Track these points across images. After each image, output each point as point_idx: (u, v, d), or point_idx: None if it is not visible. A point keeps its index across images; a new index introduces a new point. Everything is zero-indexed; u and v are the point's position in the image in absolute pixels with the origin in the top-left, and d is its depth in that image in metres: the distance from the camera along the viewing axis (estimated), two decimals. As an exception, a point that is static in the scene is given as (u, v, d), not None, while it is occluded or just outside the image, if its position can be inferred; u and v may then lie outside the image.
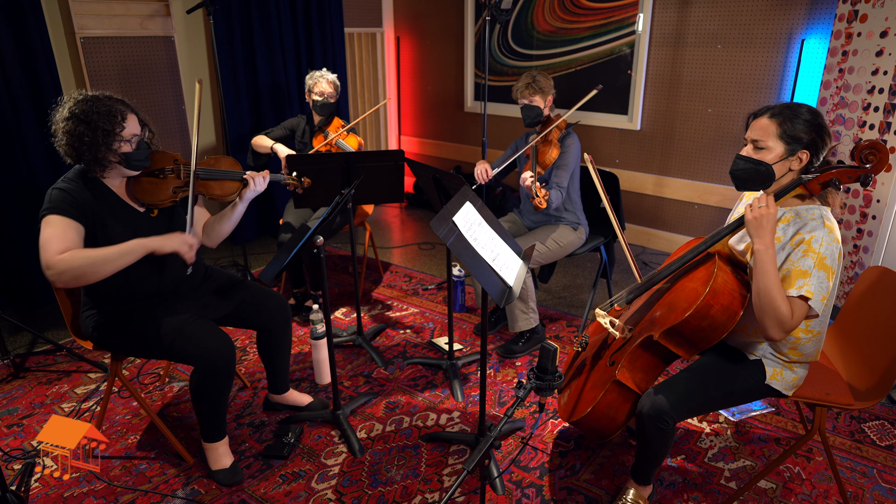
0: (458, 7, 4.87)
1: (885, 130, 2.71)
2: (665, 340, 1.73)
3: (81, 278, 1.74)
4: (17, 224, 3.14)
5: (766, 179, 1.65)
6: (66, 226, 1.77)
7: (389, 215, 5.14)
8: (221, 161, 2.16)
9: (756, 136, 1.64)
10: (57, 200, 1.79)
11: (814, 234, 1.57)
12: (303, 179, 2.37)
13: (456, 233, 1.58)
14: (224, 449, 2.09)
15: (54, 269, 1.70)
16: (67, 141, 1.81)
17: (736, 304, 1.65)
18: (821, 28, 3.29)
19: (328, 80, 3.20)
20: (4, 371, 2.71)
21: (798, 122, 1.60)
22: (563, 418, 2.00)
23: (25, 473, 2.10)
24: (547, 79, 2.80)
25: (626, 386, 1.79)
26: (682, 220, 4.13)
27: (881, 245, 2.79)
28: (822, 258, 1.55)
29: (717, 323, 1.66)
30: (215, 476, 2.05)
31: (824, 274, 1.55)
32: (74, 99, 1.84)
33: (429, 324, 3.18)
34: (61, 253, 1.72)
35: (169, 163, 2.02)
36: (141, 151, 1.90)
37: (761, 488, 2.02)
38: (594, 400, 1.82)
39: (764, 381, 1.74)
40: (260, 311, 2.21)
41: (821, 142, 1.61)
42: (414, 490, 2.03)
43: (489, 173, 2.79)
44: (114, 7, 3.50)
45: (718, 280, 1.65)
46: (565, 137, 2.79)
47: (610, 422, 1.85)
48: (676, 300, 1.73)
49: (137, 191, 1.96)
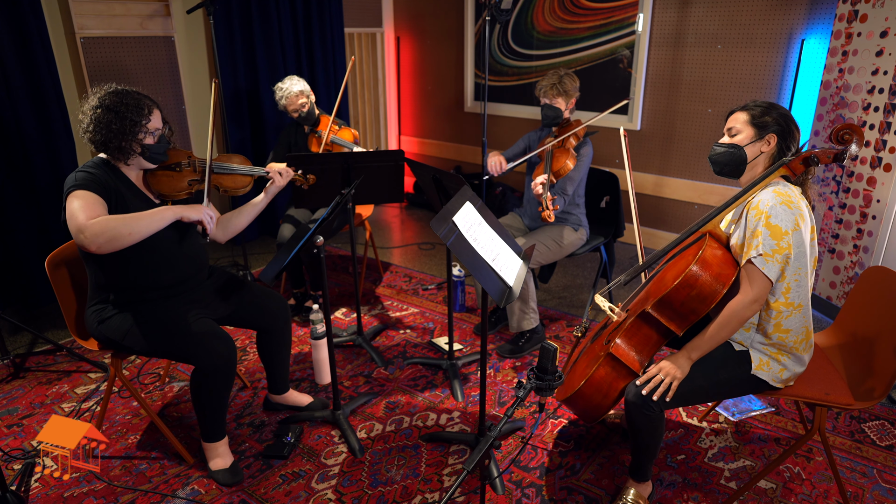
0: (458, 7, 4.88)
1: (885, 130, 2.71)
2: (657, 312, 1.77)
3: (116, 240, 1.76)
4: (17, 224, 3.14)
5: (739, 162, 1.78)
6: (93, 198, 1.83)
7: (389, 215, 5.14)
8: (233, 158, 2.26)
9: (730, 125, 1.82)
10: (82, 179, 1.86)
11: (760, 197, 1.68)
12: (308, 176, 2.39)
13: (456, 233, 1.58)
14: (224, 449, 2.09)
15: (89, 231, 1.73)
16: (95, 128, 1.87)
17: (724, 276, 1.71)
18: (821, 28, 3.30)
19: (294, 93, 3.17)
20: (4, 371, 2.71)
21: (768, 112, 1.75)
22: (556, 398, 2.01)
23: (25, 473, 2.10)
24: (573, 80, 2.75)
25: (619, 361, 1.81)
26: (682, 219, 4.14)
27: (881, 245, 2.79)
28: (767, 217, 1.64)
29: (705, 293, 1.71)
30: (215, 476, 2.06)
31: (768, 232, 1.64)
32: (105, 91, 1.91)
33: (429, 324, 3.19)
34: (91, 219, 1.77)
35: (184, 158, 2.12)
36: (161, 145, 1.99)
37: (761, 488, 2.02)
38: (587, 375, 1.83)
39: (750, 372, 1.76)
40: (261, 311, 2.22)
41: (787, 128, 1.74)
42: (414, 490, 2.03)
43: (503, 166, 2.75)
44: (114, 7, 3.50)
45: (707, 252, 1.73)
46: (581, 146, 2.75)
47: (602, 398, 1.84)
48: (668, 274, 1.81)
49: (154, 183, 2.04)
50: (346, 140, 3.23)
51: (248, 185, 2.23)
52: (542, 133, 2.96)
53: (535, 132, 2.99)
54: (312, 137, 3.29)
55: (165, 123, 2.03)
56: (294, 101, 3.19)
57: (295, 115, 3.23)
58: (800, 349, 1.76)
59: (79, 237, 1.75)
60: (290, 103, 3.20)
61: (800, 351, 1.76)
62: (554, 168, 2.64)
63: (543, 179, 2.54)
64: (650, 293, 1.84)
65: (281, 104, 3.23)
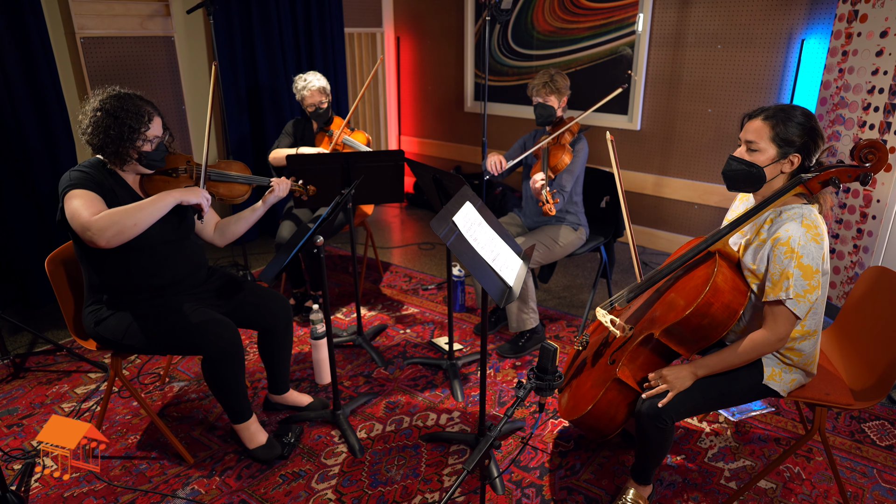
0: (458, 7, 4.87)
1: (885, 130, 2.71)
2: (665, 338, 1.74)
3: (123, 232, 1.77)
4: (17, 224, 3.14)
5: (757, 181, 1.68)
6: (90, 196, 1.83)
7: (389, 215, 5.14)
8: (232, 165, 2.26)
9: (750, 137, 1.66)
10: (77, 178, 1.85)
11: (791, 233, 1.58)
12: (308, 187, 2.39)
13: (456, 233, 1.58)
14: (256, 427, 2.12)
15: (95, 227, 1.74)
16: (93, 131, 1.87)
17: (736, 303, 1.66)
18: (821, 28, 3.29)
19: (317, 88, 3.17)
20: (4, 371, 2.71)
21: (791, 125, 1.62)
22: (563, 417, 2.00)
23: (25, 473, 2.10)
24: (564, 79, 2.77)
25: (626, 384, 1.80)
26: (682, 220, 4.13)
27: (881, 245, 2.79)
28: (799, 257, 1.57)
29: (717, 321, 1.67)
30: (253, 454, 2.08)
31: (800, 273, 1.58)
32: (107, 93, 1.90)
33: (429, 324, 3.18)
34: (95, 215, 1.76)
35: (182, 163, 2.10)
36: (158, 152, 1.97)
37: (761, 488, 2.02)
38: (595, 398, 1.82)
39: (762, 381, 1.74)
40: (261, 311, 2.22)
41: (813, 145, 1.63)
42: (414, 490, 2.03)
43: (503, 164, 2.75)
44: (114, 7, 3.50)
45: (719, 278, 1.66)
46: (577, 142, 2.77)
47: (610, 420, 1.85)
48: (677, 298, 1.74)
49: (150, 187, 2.03)
50: (359, 143, 3.22)
51: (246, 193, 2.21)
52: (536, 133, 2.98)
53: (530, 134, 3.01)
54: (324, 136, 3.29)
55: (166, 130, 2.02)
56: (315, 95, 3.18)
57: (310, 110, 3.22)
58: (810, 368, 1.76)
59: (86, 234, 1.75)
60: (311, 96, 3.18)
61: (809, 369, 1.76)
62: (551, 163, 2.66)
63: (542, 176, 2.55)
64: (657, 317, 1.78)
65: (300, 95, 3.20)
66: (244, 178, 2.21)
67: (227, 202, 2.21)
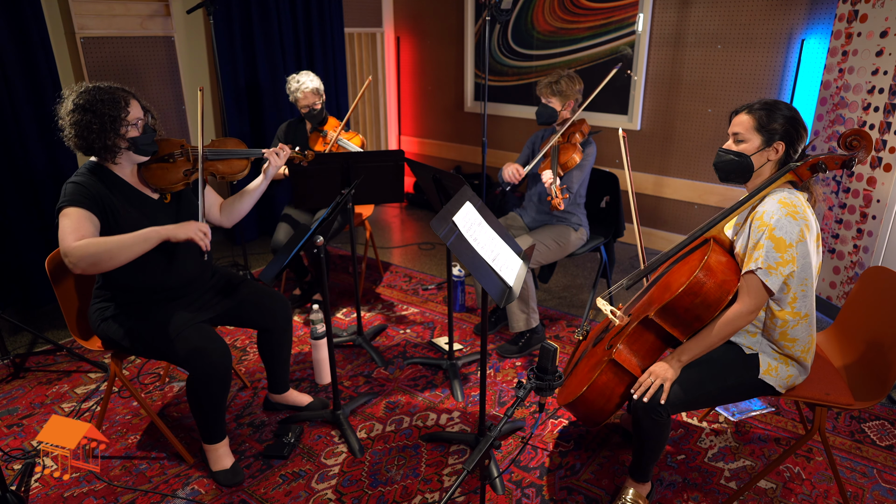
0: (458, 7, 4.87)
1: (886, 130, 2.71)
2: (660, 318, 1.76)
3: (98, 265, 1.76)
4: (17, 224, 3.14)
5: (746, 171, 1.76)
6: (81, 216, 1.81)
7: (389, 215, 5.14)
8: (227, 142, 2.21)
9: (736, 129, 1.76)
10: (72, 193, 1.83)
11: (765, 208, 1.66)
12: (307, 152, 2.32)
13: (456, 233, 1.58)
14: (224, 450, 2.09)
15: (72, 256, 1.73)
16: (76, 132, 1.84)
17: (729, 283, 1.70)
18: (821, 28, 3.30)
19: (310, 89, 3.16)
20: (4, 371, 2.71)
21: (774, 115, 1.71)
22: (558, 402, 2.02)
23: (25, 473, 2.10)
24: (571, 83, 2.76)
25: (621, 367, 1.80)
26: (682, 219, 4.14)
27: (881, 245, 2.79)
28: (771, 229, 1.63)
29: (709, 300, 1.70)
30: (216, 477, 2.05)
31: (771, 244, 1.62)
32: (76, 91, 1.86)
33: (429, 324, 3.19)
34: (78, 241, 1.75)
35: (176, 148, 2.07)
36: (147, 135, 1.94)
37: (761, 488, 2.02)
38: (589, 381, 1.83)
39: (757, 376, 1.76)
40: (261, 310, 2.21)
41: (795, 133, 1.71)
42: (414, 490, 2.03)
43: (521, 172, 2.76)
44: (114, 7, 3.50)
45: (711, 258, 1.72)
46: (587, 145, 2.79)
47: (604, 404, 1.85)
48: (671, 280, 1.79)
49: (149, 177, 2.00)
50: (353, 144, 3.21)
51: (245, 168, 2.17)
52: (545, 133, 2.98)
53: (538, 134, 3.02)
54: (318, 136, 3.28)
55: (147, 112, 1.97)
56: (309, 97, 3.17)
57: (304, 111, 3.22)
58: (805, 358, 1.76)
59: (65, 259, 1.75)
60: (305, 97, 3.17)
61: (805, 360, 1.76)
62: (561, 160, 2.68)
63: (551, 173, 2.58)
64: (653, 299, 1.82)
65: (293, 96, 3.20)
66: (242, 152, 2.16)
67: (228, 179, 2.16)
